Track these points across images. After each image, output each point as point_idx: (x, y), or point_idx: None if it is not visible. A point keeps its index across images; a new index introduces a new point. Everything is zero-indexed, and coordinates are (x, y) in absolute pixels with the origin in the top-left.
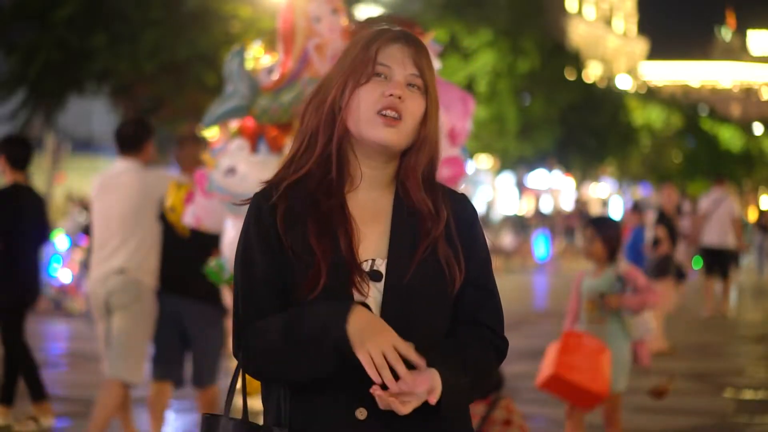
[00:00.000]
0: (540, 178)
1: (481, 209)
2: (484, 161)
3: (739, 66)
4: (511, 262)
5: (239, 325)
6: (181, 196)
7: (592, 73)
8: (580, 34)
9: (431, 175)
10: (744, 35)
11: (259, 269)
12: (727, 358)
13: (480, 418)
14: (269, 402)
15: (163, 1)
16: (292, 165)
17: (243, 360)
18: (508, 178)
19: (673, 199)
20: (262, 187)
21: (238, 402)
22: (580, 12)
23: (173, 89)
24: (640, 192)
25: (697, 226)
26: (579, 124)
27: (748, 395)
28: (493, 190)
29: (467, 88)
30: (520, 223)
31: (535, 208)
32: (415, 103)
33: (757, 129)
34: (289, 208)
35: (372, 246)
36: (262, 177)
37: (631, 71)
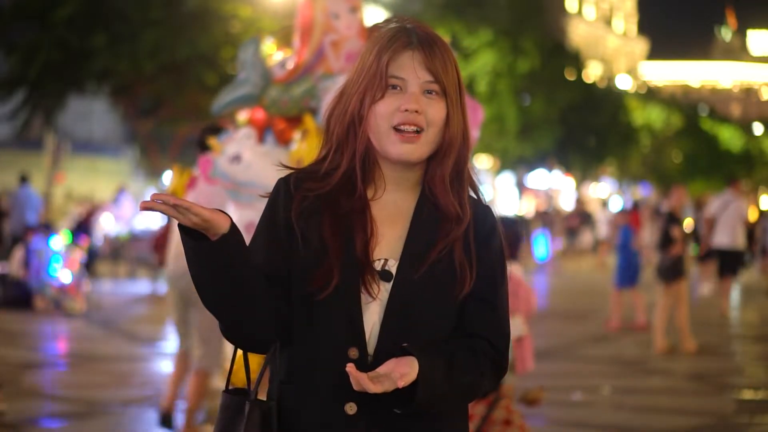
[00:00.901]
0: (540, 178)
1: None
2: (484, 161)
3: (739, 66)
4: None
5: None
6: (184, 181)
7: (592, 73)
8: (580, 34)
9: (460, 176)
10: (744, 35)
11: (256, 246)
12: (727, 358)
13: (480, 418)
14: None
15: (163, 1)
16: (324, 163)
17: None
18: (508, 178)
19: (684, 200)
20: (286, 174)
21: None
22: (580, 12)
23: (173, 89)
24: (640, 192)
25: (708, 228)
26: (579, 124)
27: (748, 395)
28: (493, 190)
29: (467, 88)
30: (520, 223)
31: (535, 208)
32: (435, 110)
33: (757, 129)
34: (305, 199)
35: (388, 246)
36: (266, 167)
37: (631, 71)
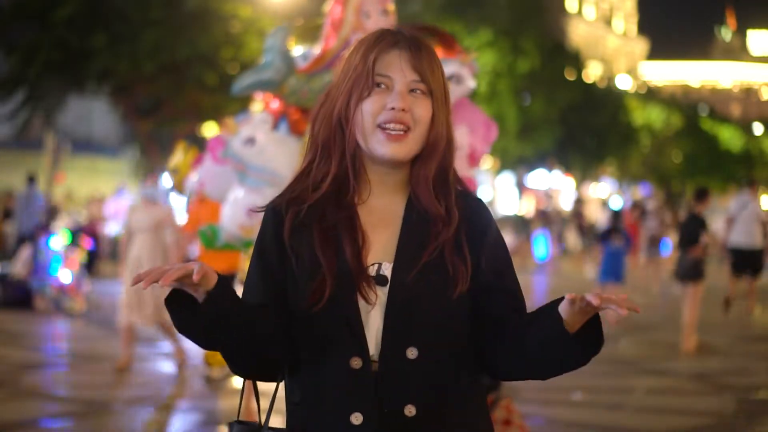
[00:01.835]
0: (540, 178)
1: None
2: (484, 161)
3: (739, 66)
4: None
5: None
6: (189, 159)
7: (592, 73)
8: (580, 34)
9: (444, 177)
10: (744, 35)
11: (251, 282)
12: (727, 358)
13: None
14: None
15: (163, 1)
16: (310, 176)
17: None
18: (508, 178)
19: (709, 203)
20: (275, 199)
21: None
22: (580, 12)
23: (173, 89)
24: (640, 192)
25: (726, 228)
26: (579, 124)
27: (748, 395)
28: (493, 190)
29: None
30: (520, 223)
31: (535, 208)
32: (421, 108)
33: (757, 129)
34: (297, 216)
35: (380, 250)
36: (278, 154)
37: (631, 71)
